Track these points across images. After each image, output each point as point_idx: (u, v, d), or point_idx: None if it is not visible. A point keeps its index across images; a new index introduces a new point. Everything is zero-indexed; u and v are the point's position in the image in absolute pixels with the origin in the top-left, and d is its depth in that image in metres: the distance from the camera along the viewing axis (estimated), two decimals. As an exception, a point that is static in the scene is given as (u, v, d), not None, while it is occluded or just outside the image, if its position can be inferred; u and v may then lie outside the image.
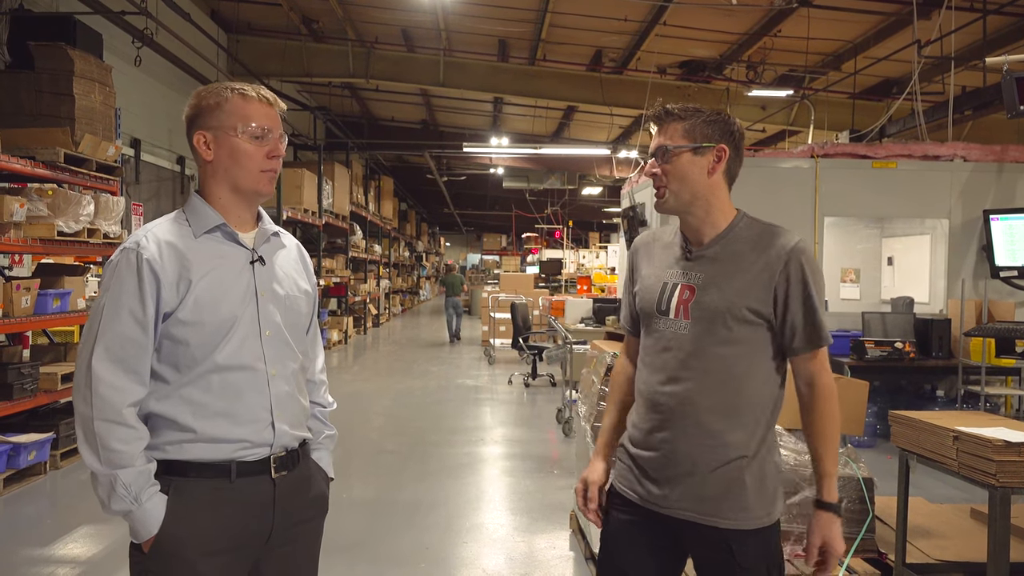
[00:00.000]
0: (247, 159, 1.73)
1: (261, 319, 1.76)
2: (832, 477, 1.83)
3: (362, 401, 8.80)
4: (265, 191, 1.79)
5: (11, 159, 5.18)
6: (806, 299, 1.79)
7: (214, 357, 1.69)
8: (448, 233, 45.32)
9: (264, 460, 1.74)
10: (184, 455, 1.68)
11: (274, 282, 1.82)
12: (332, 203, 13.88)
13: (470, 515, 4.86)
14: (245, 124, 1.73)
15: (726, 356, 1.80)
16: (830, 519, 1.82)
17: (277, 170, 1.80)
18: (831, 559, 1.82)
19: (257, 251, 1.80)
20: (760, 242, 1.83)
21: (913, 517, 3.36)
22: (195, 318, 1.68)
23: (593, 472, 2.01)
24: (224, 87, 1.77)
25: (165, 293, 1.67)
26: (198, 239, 1.74)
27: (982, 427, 2.86)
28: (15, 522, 4.69)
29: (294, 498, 1.81)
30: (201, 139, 1.74)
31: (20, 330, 5.81)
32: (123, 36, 8.20)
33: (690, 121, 1.84)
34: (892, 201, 7.40)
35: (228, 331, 1.71)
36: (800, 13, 9.79)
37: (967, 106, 9.77)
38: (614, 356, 3.73)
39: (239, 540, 1.71)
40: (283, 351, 1.80)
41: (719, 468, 1.80)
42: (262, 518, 1.74)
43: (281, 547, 1.80)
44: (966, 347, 6.54)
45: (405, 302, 26.65)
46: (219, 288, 1.72)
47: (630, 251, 2.10)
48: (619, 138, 17.63)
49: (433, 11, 11.06)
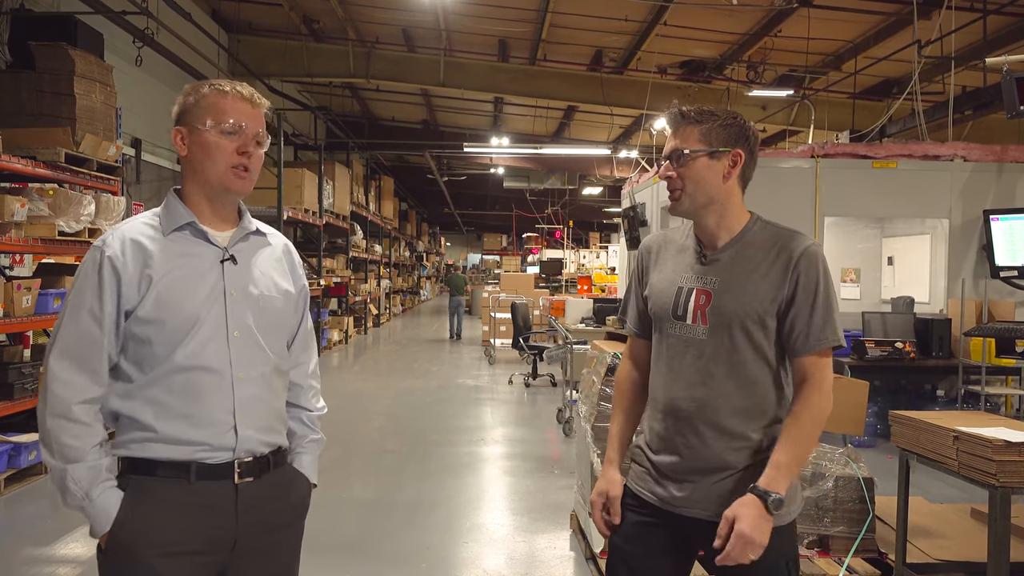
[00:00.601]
0: (217, 152, 1.70)
1: (229, 320, 1.71)
2: (781, 470, 1.72)
3: (362, 401, 8.80)
4: (234, 188, 1.74)
5: (12, 159, 5.18)
6: (813, 301, 1.79)
7: (174, 357, 1.66)
8: (449, 233, 45.34)
9: (227, 465, 1.69)
10: (146, 453, 1.66)
11: (248, 282, 1.76)
12: (333, 203, 13.89)
13: (471, 515, 4.86)
14: (217, 119, 1.70)
15: (744, 360, 1.81)
16: (755, 506, 1.69)
17: (249, 167, 1.74)
18: (739, 545, 1.68)
19: (229, 250, 1.76)
20: (774, 245, 1.83)
21: (913, 517, 3.36)
22: (156, 316, 1.65)
23: (613, 486, 1.97)
24: (205, 84, 1.75)
25: (125, 290, 1.65)
26: (167, 236, 1.72)
27: (982, 427, 2.86)
28: (16, 522, 4.69)
29: (267, 505, 1.76)
30: (178, 135, 1.74)
31: (21, 330, 5.81)
32: (124, 36, 8.21)
33: (706, 125, 1.83)
34: (892, 201, 7.41)
35: (189, 330, 1.67)
36: (800, 13, 9.80)
37: (967, 106, 9.78)
38: (615, 356, 3.73)
39: (200, 544, 1.67)
40: (253, 353, 1.74)
41: (744, 469, 1.80)
42: (224, 524, 1.69)
43: (254, 557, 1.75)
44: (966, 347, 6.54)
45: (405, 302, 26.65)
46: (182, 286, 1.69)
47: (639, 252, 2.08)
48: (619, 138, 17.64)
49: (433, 11, 11.06)
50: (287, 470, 1.85)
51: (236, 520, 1.70)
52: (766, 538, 1.69)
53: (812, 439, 1.78)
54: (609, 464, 2.01)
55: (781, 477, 1.72)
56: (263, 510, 1.75)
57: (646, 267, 2.02)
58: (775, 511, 1.71)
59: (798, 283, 1.79)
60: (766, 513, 1.70)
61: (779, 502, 1.71)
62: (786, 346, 1.82)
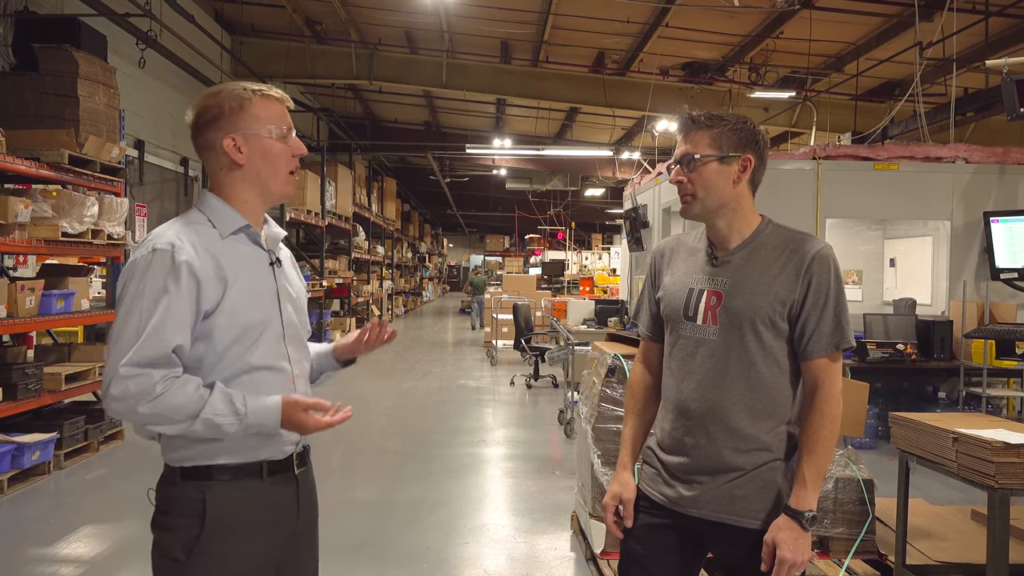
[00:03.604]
0: (279, 160, 1.73)
1: (284, 320, 1.77)
2: (809, 487, 1.75)
3: (365, 402, 8.82)
4: (290, 193, 1.80)
5: (16, 160, 5.20)
6: (824, 304, 1.80)
7: (247, 357, 1.67)
8: (451, 234, 45.35)
9: (289, 458, 1.76)
10: (215, 459, 1.66)
11: (288, 283, 1.83)
12: (335, 204, 13.91)
13: (472, 516, 4.88)
14: (275, 124, 1.72)
15: (755, 360, 1.82)
16: (792, 528, 1.74)
17: (298, 169, 1.81)
18: (783, 570, 1.73)
19: (274, 253, 1.82)
20: (786, 248, 1.84)
21: (913, 519, 3.37)
22: (230, 319, 1.65)
23: (627, 489, 1.98)
24: (240, 87, 1.73)
25: (204, 292, 1.62)
26: (224, 240, 1.71)
27: (981, 428, 2.87)
28: (19, 522, 4.71)
29: (310, 494, 1.86)
30: (231, 142, 1.69)
31: (24, 330, 5.83)
32: (127, 38, 8.24)
33: (717, 130, 1.84)
34: (894, 203, 7.41)
35: (261, 332, 1.70)
36: (802, 15, 9.81)
37: (969, 108, 9.80)
38: (615, 357, 3.74)
39: (272, 539, 1.72)
40: (301, 350, 1.83)
41: (753, 471, 1.81)
42: (289, 517, 1.77)
43: (303, 544, 1.83)
44: (967, 349, 6.54)
45: (408, 303, 26.67)
46: (252, 290, 1.71)
47: (651, 256, 2.10)
48: (622, 139, 17.65)
49: (436, 13, 11.09)
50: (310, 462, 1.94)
51: (297, 511, 1.78)
52: (807, 554, 1.75)
53: (831, 449, 1.80)
54: (622, 467, 2.02)
55: (810, 493, 1.76)
56: (310, 497, 1.85)
57: (659, 270, 2.03)
58: (810, 528, 1.75)
59: (810, 285, 1.80)
60: (803, 532, 1.74)
61: (814, 519, 1.75)
62: (797, 348, 1.83)
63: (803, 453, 1.79)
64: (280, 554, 1.75)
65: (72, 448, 5.82)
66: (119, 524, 4.58)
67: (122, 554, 4.14)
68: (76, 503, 5.18)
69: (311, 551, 1.89)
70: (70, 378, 5.90)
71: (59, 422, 5.76)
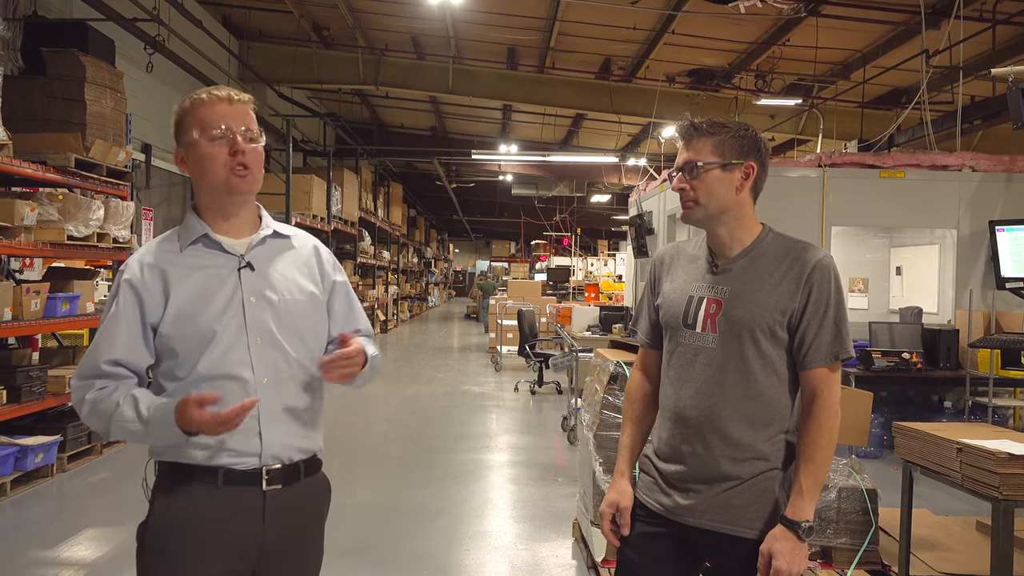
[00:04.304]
0: (211, 162, 1.72)
1: (249, 327, 1.73)
2: (806, 497, 1.75)
3: (368, 406, 8.82)
4: (240, 189, 1.74)
5: (23, 163, 5.23)
6: (824, 313, 1.79)
7: (197, 367, 1.69)
8: (457, 239, 45.41)
9: (254, 471, 1.71)
10: (180, 457, 1.70)
11: (267, 288, 1.77)
12: (341, 209, 13.94)
13: (474, 522, 4.86)
14: (203, 129, 1.72)
15: (753, 369, 1.81)
16: (788, 538, 1.73)
17: (248, 164, 1.73)
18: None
19: (246, 257, 1.78)
20: (787, 257, 1.83)
21: (918, 529, 3.35)
22: (177, 329, 1.70)
23: (624, 497, 1.97)
24: (188, 98, 1.77)
25: (148, 307, 1.71)
26: (182, 252, 1.76)
27: (986, 439, 2.85)
28: (22, 524, 4.72)
29: (298, 513, 1.79)
30: (178, 156, 1.79)
31: (29, 333, 5.86)
32: (135, 42, 8.28)
33: (719, 137, 1.84)
34: (900, 211, 7.38)
35: (210, 340, 1.69)
36: (808, 23, 9.81)
37: (976, 116, 9.75)
38: (617, 364, 3.73)
39: (226, 547, 1.70)
40: (277, 359, 1.75)
41: (750, 480, 1.80)
42: (252, 530, 1.71)
43: (282, 563, 1.78)
44: (974, 358, 6.50)
45: (413, 308, 26.68)
46: (199, 298, 1.72)
47: (651, 262, 2.09)
48: (628, 146, 17.65)
49: (443, 19, 11.12)
50: (320, 478, 1.86)
51: (264, 527, 1.72)
52: (804, 565, 1.73)
53: (829, 459, 1.79)
54: (620, 475, 2.01)
55: (807, 503, 1.75)
56: (294, 517, 1.77)
57: (658, 277, 2.03)
58: (807, 538, 1.74)
59: (810, 295, 1.79)
60: (799, 542, 1.73)
61: (810, 529, 1.74)
62: (796, 358, 1.82)
63: (800, 463, 1.78)
64: (242, 566, 1.73)
65: (75, 451, 5.84)
66: (121, 527, 4.58)
67: (124, 557, 4.14)
68: (79, 506, 5.19)
69: (295, 569, 1.83)
70: (74, 381, 5.90)
71: (63, 425, 5.77)
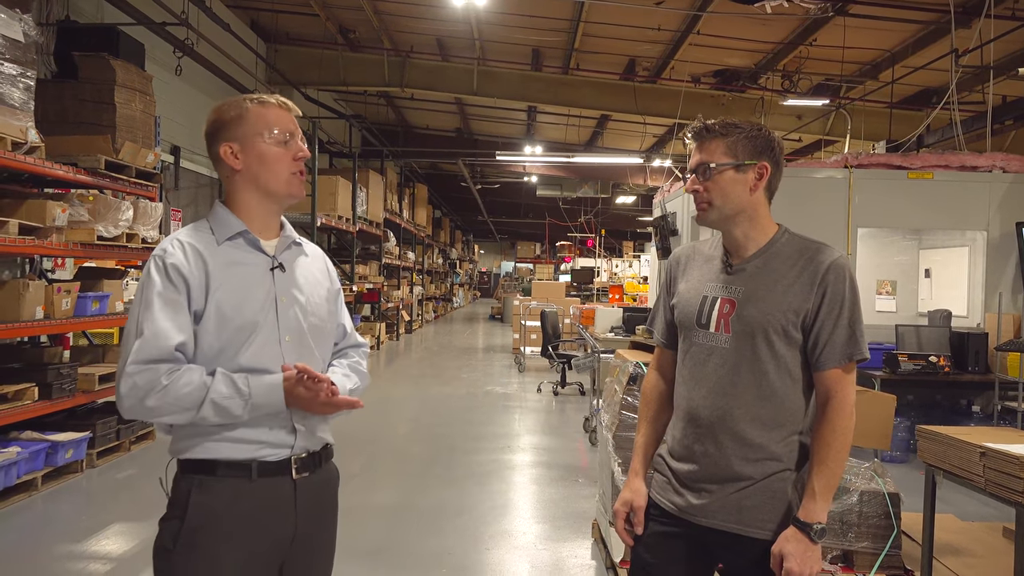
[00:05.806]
0: (277, 162, 1.79)
1: (280, 324, 1.79)
2: (819, 499, 1.74)
3: (391, 407, 8.87)
4: (296, 193, 1.83)
5: (54, 165, 5.34)
6: (839, 314, 1.78)
7: (237, 359, 1.72)
8: (482, 240, 45.50)
9: (285, 461, 1.77)
10: (208, 454, 1.72)
11: (295, 289, 1.84)
12: (366, 210, 14.04)
13: (494, 522, 4.88)
14: (270, 130, 1.78)
15: (767, 370, 1.80)
16: (800, 540, 1.73)
17: (304, 172, 1.84)
18: None
19: (278, 258, 1.84)
20: (801, 257, 1.83)
21: (942, 534, 3.31)
22: (217, 322, 1.72)
23: (638, 496, 1.99)
24: (242, 99, 1.82)
25: (194, 293, 1.71)
26: (220, 246, 1.79)
27: (1010, 443, 2.80)
28: (52, 518, 4.82)
29: (320, 499, 1.85)
30: (228, 149, 1.78)
31: (60, 331, 5.97)
32: (164, 46, 8.42)
33: (732, 138, 1.84)
34: (928, 212, 7.29)
35: (249, 335, 1.74)
36: (836, 22, 9.70)
37: (1007, 116, 9.59)
38: (636, 365, 3.72)
39: (262, 539, 1.74)
40: (304, 356, 1.81)
41: (762, 480, 1.80)
42: (285, 519, 1.77)
43: (309, 549, 1.83)
44: (1003, 362, 6.39)
45: (438, 309, 26.79)
46: (240, 293, 1.76)
47: (668, 262, 2.10)
48: (653, 147, 17.58)
49: (467, 21, 11.16)
50: (331, 467, 1.93)
51: (295, 515, 1.78)
52: (817, 567, 1.72)
53: (842, 461, 1.78)
54: (634, 475, 2.02)
55: (820, 506, 1.74)
56: (316, 504, 1.84)
57: (674, 277, 2.04)
58: (819, 540, 1.73)
59: (825, 296, 1.78)
60: (811, 544, 1.72)
61: (822, 531, 1.73)
62: (810, 359, 1.81)
63: (813, 464, 1.78)
64: (275, 556, 1.77)
65: (104, 447, 5.94)
66: (147, 523, 4.66)
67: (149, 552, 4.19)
68: (107, 501, 5.28)
69: (320, 557, 1.89)
70: (104, 379, 6.02)
71: (92, 421, 5.88)
